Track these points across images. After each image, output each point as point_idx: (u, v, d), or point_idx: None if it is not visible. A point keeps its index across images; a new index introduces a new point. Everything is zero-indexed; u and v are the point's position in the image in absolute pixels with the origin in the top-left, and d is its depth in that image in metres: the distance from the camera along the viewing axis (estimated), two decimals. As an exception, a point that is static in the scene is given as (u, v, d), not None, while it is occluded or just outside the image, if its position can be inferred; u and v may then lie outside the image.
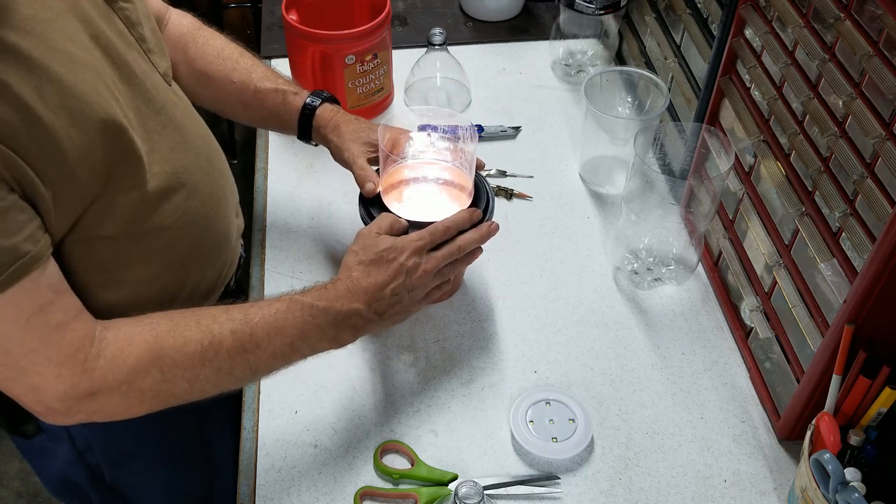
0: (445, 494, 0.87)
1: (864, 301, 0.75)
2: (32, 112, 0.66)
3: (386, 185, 0.98)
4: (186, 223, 0.85)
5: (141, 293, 0.84)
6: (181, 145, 0.85)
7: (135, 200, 0.78)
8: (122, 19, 0.81)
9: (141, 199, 0.79)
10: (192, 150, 0.87)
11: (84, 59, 0.73)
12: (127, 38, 0.81)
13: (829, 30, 0.81)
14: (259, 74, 1.04)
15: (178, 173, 0.83)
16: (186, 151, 0.85)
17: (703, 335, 1.03)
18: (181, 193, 0.84)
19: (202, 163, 0.88)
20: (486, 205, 0.97)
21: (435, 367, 0.99)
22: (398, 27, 1.51)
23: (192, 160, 0.86)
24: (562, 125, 1.32)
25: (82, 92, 0.71)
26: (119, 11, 0.81)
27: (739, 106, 0.98)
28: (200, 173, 0.88)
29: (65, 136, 0.69)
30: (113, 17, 0.80)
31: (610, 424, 0.94)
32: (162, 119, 0.82)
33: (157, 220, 0.82)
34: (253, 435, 0.92)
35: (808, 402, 0.86)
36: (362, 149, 1.00)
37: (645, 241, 1.08)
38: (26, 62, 0.67)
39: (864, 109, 0.75)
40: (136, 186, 0.78)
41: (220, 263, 0.95)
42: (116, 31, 0.79)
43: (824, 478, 0.74)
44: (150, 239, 0.82)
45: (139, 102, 0.79)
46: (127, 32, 0.81)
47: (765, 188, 0.94)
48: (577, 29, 1.38)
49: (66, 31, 0.72)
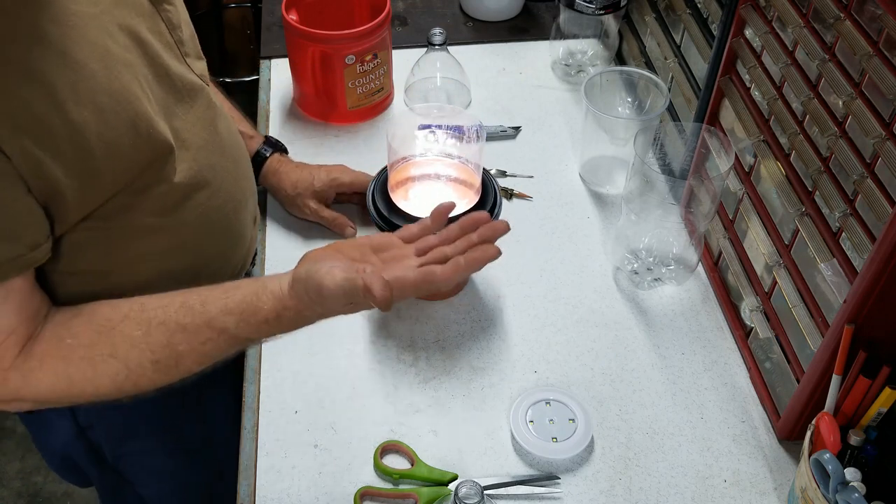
0: (445, 494, 0.87)
1: (864, 301, 0.75)
2: (63, 107, 0.67)
3: (393, 182, 0.98)
4: (207, 222, 0.86)
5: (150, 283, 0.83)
6: (209, 144, 0.86)
7: (160, 193, 0.79)
8: (165, 20, 0.82)
9: (166, 192, 0.80)
10: (219, 150, 0.88)
11: (121, 57, 0.73)
12: (166, 39, 0.82)
13: (829, 30, 0.81)
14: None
15: (203, 171, 0.84)
16: (213, 151, 0.86)
17: (703, 335, 1.03)
18: (205, 192, 0.85)
19: (228, 164, 0.89)
20: (494, 202, 0.97)
21: (435, 367, 0.99)
22: (398, 27, 1.51)
23: (219, 160, 0.87)
24: (562, 125, 1.32)
25: (116, 90, 0.72)
26: (163, 13, 0.82)
27: (739, 106, 0.98)
28: (225, 174, 0.88)
29: (94, 133, 0.70)
30: (156, 17, 0.81)
31: (610, 424, 0.94)
32: (192, 118, 0.83)
33: (179, 215, 0.82)
34: (253, 435, 0.92)
35: (808, 402, 0.86)
36: (313, 201, 1.09)
37: (645, 241, 1.08)
38: (65, 57, 0.68)
39: (864, 109, 0.75)
40: (163, 180, 0.79)
41: (231, 266, 0.95)
42: (158, 31, 0.80)
43: (824, 478, 0.74)
44: (169, 233, 0.83)
45: (171, 101, 0.80)
46: (167, 33, 0.82)
47: (765, 188, 0.94)
48: (577, 29, 1.38)
49: (107, 28, 0.73)
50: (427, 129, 1.02)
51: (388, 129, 0.96)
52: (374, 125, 1.31)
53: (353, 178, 1.11)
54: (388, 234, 0.81)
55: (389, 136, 0.95)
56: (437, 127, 1.02)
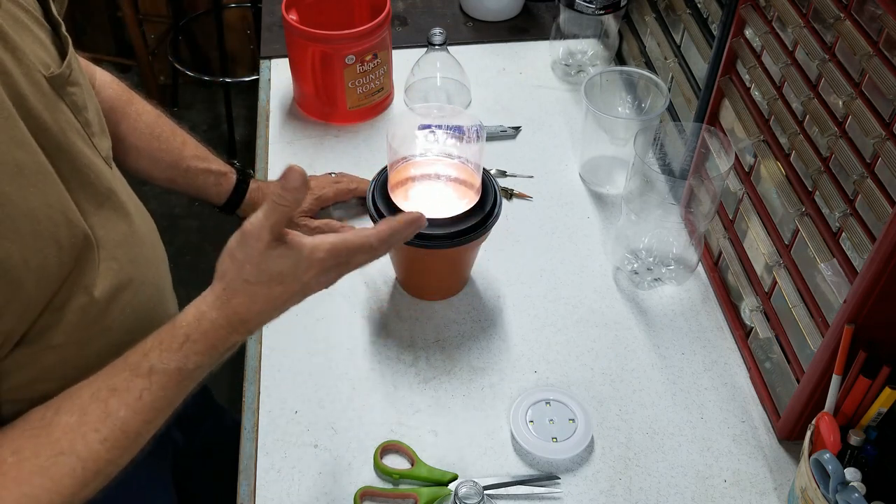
0: (445, 494, 0.87)
1: (864, 301, 0.75)
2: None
3: (393, 182, 0.98)
4: (134, 320, 0.80)
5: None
6: (128, 237, 0.79)
7: (83, 305, 0.72)
8: (70, 105, 0.73)
9: (89, 302, 0.73)
10: (138, 239, 0.82)
11: (32, 166, 0.66)
12: (73, 125, 0.73)
13: (829, 30, 0.81)
14: (190, 153, 1.05)
15: (125, 269, 0.78)
16: (133, 243, 0.80)
17: (703, 335, 1.03)
18: (129, 290, 0.78)
19: (147, 252, 0.84)
20: (494, 202, 0.97)
21: (435, 367, 0.99)
22: (398, 27, 1.51)
23: (139, 251, 0.81)
24: (562, 125, 1.32)
25: (34, 207, 0.65)
26: (67, 97, 0.73)
27: (739, 106, 0.98)
28: (146, 263, 0.82)
29: (20, 262, 0.64)
30: (60, 105, 0.72)
31: (610, 424, 0.94)
32: (107, 211, 0.77)
33: (106, 322, 0.76)
34: (253, 435, 0.92)
35: (808, 402, 0.86)
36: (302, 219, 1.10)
37: (645, 241, 1.08)
38: None
39: (864, 109, 0.75)
40: (85, 290, 0.72)
41: None
42: (64, 120, 0.72)
43: (824, 478, 0.74)
44: (98, 343, 0.76)
45: (84, 198, 0.73)
46: (73, 119, 0.74)
47: (765, 188, 0.94)
48: (577, 29, 1.38)
49: (14, 137, 0.65)
50: (427, 129, 1.02)
51: (388, 129, 0.96)
52: (374, 125, 1.31)
53: (336, 191, 1.14)
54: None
55: (389, 136, 0.95)
56: (437, 127, 1.01)
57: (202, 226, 2.52)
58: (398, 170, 0.99)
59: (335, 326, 1.03)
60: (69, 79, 0.73)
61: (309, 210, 1.12)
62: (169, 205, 2.55)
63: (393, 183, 0.98)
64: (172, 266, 0.92)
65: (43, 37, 0.72)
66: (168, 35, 2.82)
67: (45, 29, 0.73)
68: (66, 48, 0.74)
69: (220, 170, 1.07)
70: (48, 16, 0.74)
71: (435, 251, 0.96)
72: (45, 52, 0.71)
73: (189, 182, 1.06)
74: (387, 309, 1.05)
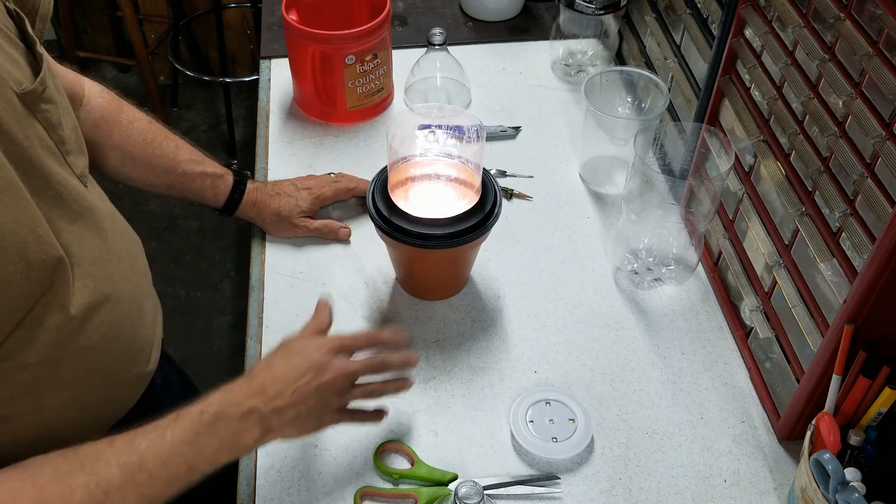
0: (445, 494, 0.87)
1: (864, 301, 0.75)
2: None
3: (393, 182, 0.98)
4: (112, 338, 0.79)
5: (54, 422, 0.77)
6: (104, 254, 0.79)
7: (58, 323, 0.72)
8: (43, 122, 0.73)
9: (65, 320, 0.73)
10: (115, 256, 0.81)
11: (1, 185, 0.65)
12: (45, 143, 0.73)
13: (829, 30, 0.81)
14: (184, 157, 1.05)
15: (101, 286, 0.77)
16: (109, 259, 0.80)
17: (703, 335, 1.03)
18: (105, 307, 0.78)
19: (125, 269, 0.83)
20: (494, 202, 0.97)
21: (435, 367, 0.99)
22: (398, 27, 1.51)
23: (115, 268, 0.81)
24: (562, 125, 1.32)
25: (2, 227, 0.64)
26: (40, 114, 0.73)
27: (739, 106, 0.98)
28: (123, 280, 0.82)
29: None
30: (32, 122, 0.71)
31: (610, 424, 0.94)
32: (81, 228, 0.76)
33: (82, 340, 0.75)
34: (253, 435, 0.92)
35: (808, 402, 0.86)
36: (301, 219, 1.11)
37: (645, 241, 1.08)
38: None
39: (864, 109, 0.75)
40: (60, 307, 0.72)
41: (139, 375, 0.88)
42: (36, 136, 0.71)
43: (824, 478, 0.74)
44: (74, 361, 0.76)
45: (58, 215, 0.73)
46: (46, 137, 0.73)
47: (765, 188, 0.94)
48: (577, 29, 1.38)
49: None
50: (427, 129, 1.02)
51: (388, 129, 0.96)
52: (374, 125, 1.31)
53: (335, 190, 1.14)
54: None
55: (389, 136, 0.95)
56: (437, 127, 1.02)
57: (202, 226, 2.51)
58: (398, 170, 0.99)
59: (335, 326, 1.02)
60: (42, 96, 0.73)
61: (308, 210, 1.12)
62: (169, 205, 2.55)
63: (393, 183, 0.98)
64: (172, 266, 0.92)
65: (16, 55, 0.72)
66: (168, 35, 2.82)
67: (19, 48, 0.73)
68: (40, 66, 0.74)
69: (215, 172, 1.07)
70: (23, 35, 0.74)
71: (435, 251, 0.96)
72: (17, 70, 0.71)
73: (186, 186, 1.06)
74: (387, 309, 1.05)
